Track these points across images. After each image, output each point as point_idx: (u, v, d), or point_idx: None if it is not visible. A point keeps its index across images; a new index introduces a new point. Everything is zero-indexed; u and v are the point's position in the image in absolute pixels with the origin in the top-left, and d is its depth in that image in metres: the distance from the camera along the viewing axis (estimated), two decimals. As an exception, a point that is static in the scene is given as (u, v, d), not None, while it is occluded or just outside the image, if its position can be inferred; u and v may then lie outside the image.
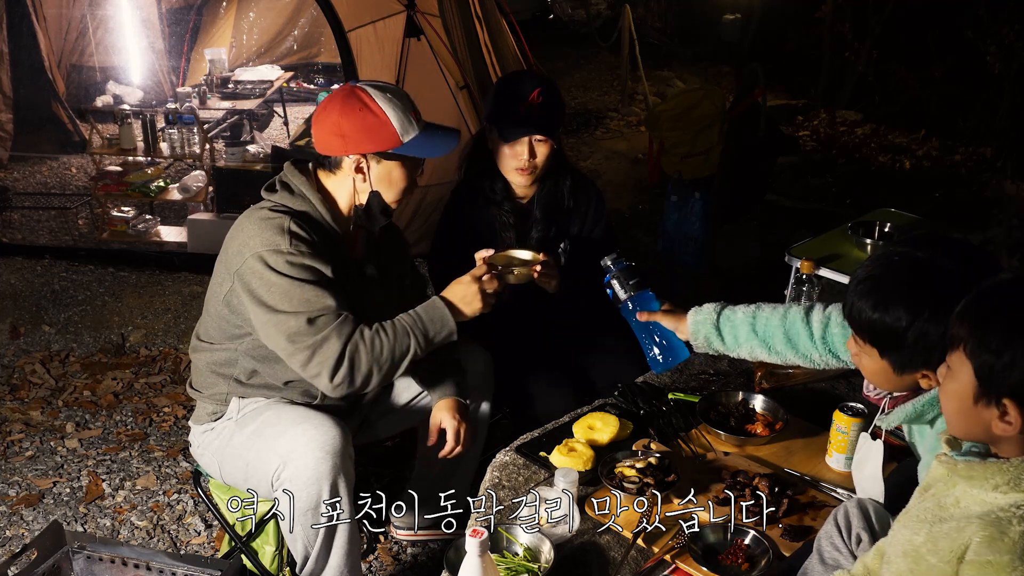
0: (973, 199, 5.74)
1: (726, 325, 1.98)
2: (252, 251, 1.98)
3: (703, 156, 4.84)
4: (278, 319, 1.97)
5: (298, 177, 2.10)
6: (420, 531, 2.63)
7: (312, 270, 1.98)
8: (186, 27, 6.76)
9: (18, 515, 2.86)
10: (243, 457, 2.12)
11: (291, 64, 7.25)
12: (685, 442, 2.15)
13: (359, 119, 2.03)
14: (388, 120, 2.04)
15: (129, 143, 5.10)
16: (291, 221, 2.00)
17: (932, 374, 1.52)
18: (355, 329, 1.99)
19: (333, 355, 1.96)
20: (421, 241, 4.37)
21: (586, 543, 1.86)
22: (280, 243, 1.97)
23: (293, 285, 1.96)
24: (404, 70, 4.54)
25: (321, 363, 1.97)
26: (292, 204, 2.07)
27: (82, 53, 6.66)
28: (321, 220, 2.09)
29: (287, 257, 1.96)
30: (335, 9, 4.43)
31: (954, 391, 1.31)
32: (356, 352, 1.97)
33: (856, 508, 1.66)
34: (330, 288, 1.99)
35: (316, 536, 2.06)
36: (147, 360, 3.83)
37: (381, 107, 2.04)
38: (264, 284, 1.97)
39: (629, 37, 7.53)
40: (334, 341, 1.96)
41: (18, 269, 4.62)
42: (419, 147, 2.09)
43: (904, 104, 7.35)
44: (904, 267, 1.53)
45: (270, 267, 1.96)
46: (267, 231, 1.99)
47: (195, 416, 2.26)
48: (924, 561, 1.30)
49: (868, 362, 1.61)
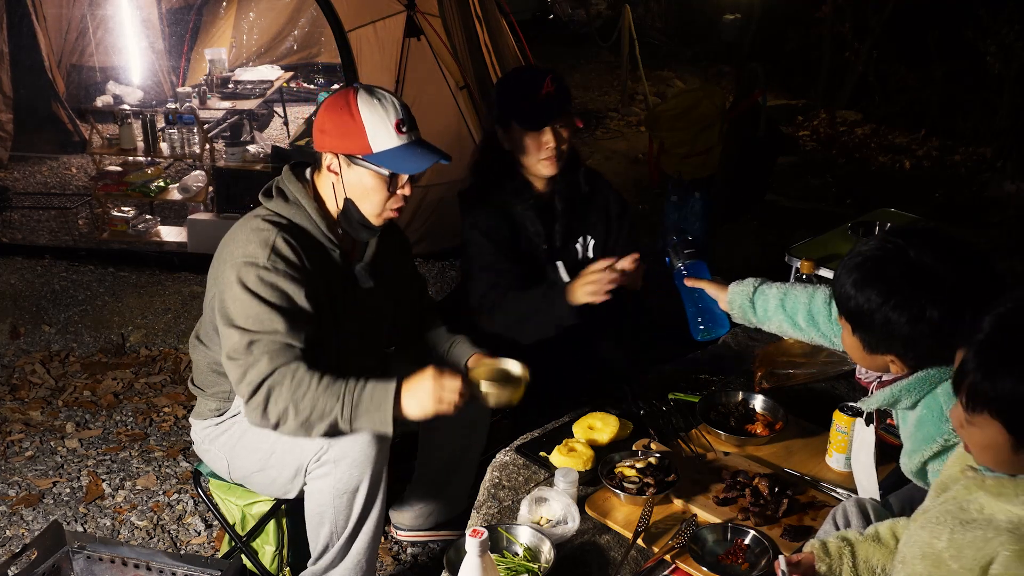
0: (973, 199, 5.74)
1: (760, 298, 2.08)
2: (233, 261, 1.98)
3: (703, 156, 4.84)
4: (228, 332, 1.96)
5: (294, 183, 2.08)
6: (420, 531, 2.63)
7: (280, 292, 1.95)
8: (186, 27, 6.76)
9: (18, 515, 2.87)
10: (262, 450, 2.09)
11: (291, 64, 7.25)
12: (685, 442, 2.15)
13: (337, 118, 2.01)
14: (362, 125, 1.99)
15: (129, 143, 5.10)
16: (279, 235, 1.97)
17: (899, 360, 1.59)
18: (291, 361, 1.92)
19: (257, 378, 1.91)
20: (421, 241, 4.38)
21: (586, 543, 1.86)
22: (259, 257, 1.95)
23: (253, 303, 1.93)
24: (404, 70, 4.54)
25: (247, 384, 1.93)
26: (286, 212, 2.05)
27: (82, 53, 6.66)
28: (314, 229, 2.06)
29: (259, 272, 1.94)
30: (335, 9, 4.43)
31: (986, 440, 1.30)
32: (279, 384, 1.91)
33: (855, 507, 1.66)
34: (289, 315, 1.94)
35: (347, 522, 2.05)
36: (147, 360, 3.83)
37: (360, 111, 2.00)
38: (231, 296, 1.96)
39: (629, 37, 7.53)
40: (263, 364, 1.91)
41: (18, 269, 4.62)
42: (390, 159, 2.01)
43: (904, 104, 7.34)
44: (892, 256, 1.55)
45: (241, 280, 1.95)
46: (252, 243, 1.97)
47: (197, 412, 2.25)
48: (945, 566, 1.30)
49: (845, 336, 1.66)
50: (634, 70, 7.76)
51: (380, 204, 2.06)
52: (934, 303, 1.49)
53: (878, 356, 1.61)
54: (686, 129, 4.83)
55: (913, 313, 1.51)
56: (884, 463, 2.06)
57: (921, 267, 1.52)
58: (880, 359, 1.62)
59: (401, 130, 2.02)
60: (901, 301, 1.52)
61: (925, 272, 1.51)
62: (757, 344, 2.68)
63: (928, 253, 1.52)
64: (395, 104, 2.03)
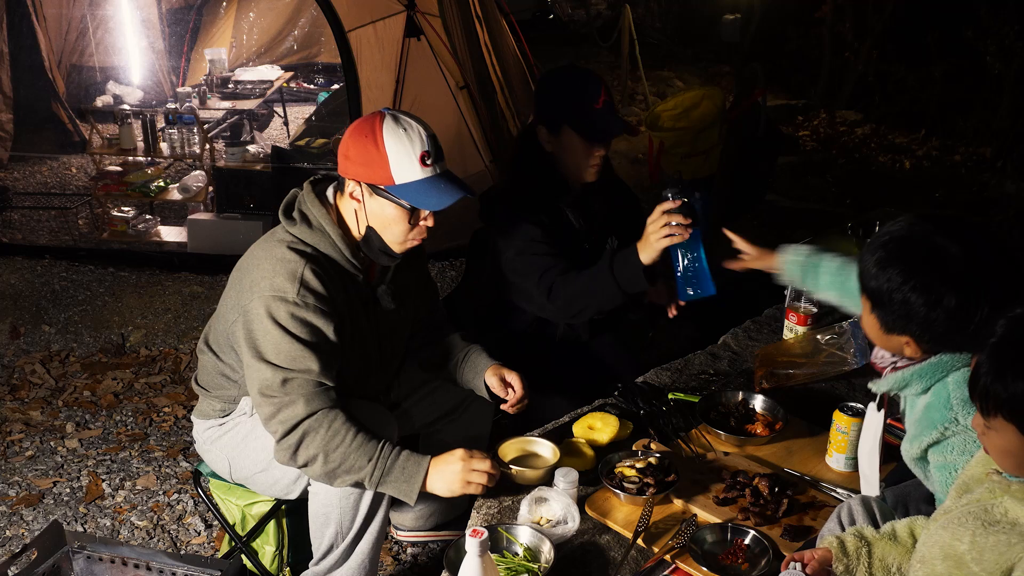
0: (973, 199, 5.74)
1: (815, 267, 2.17)
2: (260, 293, 1.95)
3: (703, 156, 4.85)
4: (259, 366, 1.94)
5: (317, 208, 2.04)
6: (421, 532, 2.63)
7: (312, 328, 1.94)
8: (186, 27, 6.76)
9: (18, 515, 2.87)
10: (266, 452, 2.08)
11: (291, 64, 7.25)
12: (685, 442, 2.15)
13: (361, 145, 1.97)
14: (386, 156, 1.95)
15: (129, 143, 5.11)
16: (307, 267, 1.96)
17: (914, 342, 1.59)
18: (328, 407, 1.94)
19: (292, 420, 1.92)
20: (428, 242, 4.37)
21: (586, 543, 1.86)
22: (288, 291, 1.93)
23: (285, 339, 1.92)
24: (404, 70, 4.54)
25: (280, 423, 1.93)
26: (311, 240, 2.02)
27: (82, 53, 6.66)
28: (339, 256, 2.04)
29: (291, 308, 1.93)
30: (335, 9, 4.43)
31: (1006, 450, 1.32)
32: (314, 430, 1.92)
33: (860, 506, 1.66)
34: (322, 352, 1.94)
35: (352, 523, 2.05)
36: (147, 360, 3.83)
37: (385, 141, 1.96)
38: (261, 329, 1.95)
39: (629, 37, 7.53)
40: (300, 407, 1.92)
41: (18, 269, 4.62)
42: (412, 193, 1.97)
43: (904, 104, 7.34)
44: (918, 239, 1.56)
45: (271, 315, 1.93)
46: (279, 275, 1.95)
47: (200, 411, 2.24)
48: (967, 568, 1.30)
49: (864, 314, 1.67)
50: (634, 70, 7.76)
51: (403, 235, 2.04)
52: (953, 290, 1.50)
53: (894, 336, 1.61)
54: (686, 129, 4.84)
55: (931, 297, 1.51)
56: (885, 462, 2.07)
57: (945, 253, 1.52)
58: (896, 340, 1.62)
59: (426, 163, 1.98)
60: (920, 284, 1.52)
61: (948, 259, 1.51)
62: (757, 344, 2.68)
63: (954, 241, 1.52)
64: (421, 135, 1.98)
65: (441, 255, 4.59)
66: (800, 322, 2.56)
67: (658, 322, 2.81)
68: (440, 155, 2.02)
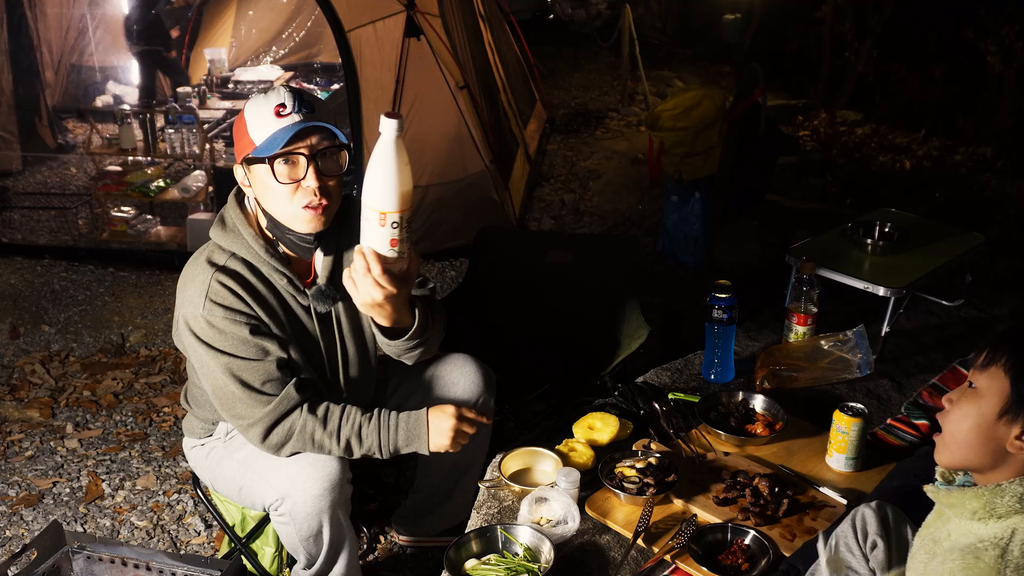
0: (973, 199, 5.73)
1: None
2: (180, 310, 1.94)
3: (703, 156, 4.84)
4: (204, 382, 1.96)
5: (234, 209, 1.96)
6: (421, 538, 2.61)
7: (227, 335, 1.89)
8: (186, 27, 6.76)
9: (18, 515, 2.86)
10: (235, 482, 2.09)
11: (291, 64, 7.26)
12: (685, 442, 2.15)
13: (235, 125, 1.90)
14: (245, 124, 1.85)
15: (129, 143, 5.10)
16: (213, 278, 1.89)
17: None
18: (288, 409, 1.92)
19: (261, 425, 1.92)
20: (422, 241, 4.36)
21: (586, 543, 1.86)
22: (197, 305, 1.89)
23: (209, 353, 1.90)
24: (404, 70, 4.54)
25: (249, 428, 1.94)
26: (226, 243, 1.93)
27: (82, 53, 6.66)
28: (254, 257, 1.93)
29: (201, 323, 1.89)
30: (335, 9, 4.42)
31: (975, 408, 1.32)
32: (289, 432, 1.93)
33: (874, 514, 1.64)
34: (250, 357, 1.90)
35: (319, 556, 2.04)
36: (147, 360, 3.83)
37: (246, 111, 1.86)
38: (190, 345, 1.94)
39: (629, 37, 7.52)
40: (259, 411, 1.92)
41: (18, 269, 4.62)
42: (267, 146, 1.80)
43: (904, 104, 7.34)
44: None
45: (191, 330, 1.91)
46: (191, 289, 1.91)
47: (186, 427, 2.25)
48: None
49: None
50: (634, 70, 7.76)
51: (288, 203, 1.86)
52: None
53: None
54: (686, 129, 4.83)
55: None
56: (884, 463, 2.07)
57: None
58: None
59: (281, 114, 1.81)
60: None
61: None
62: (757, 344, 2.68)
63: None
64: (284, 91, 1.84)
65: (441, 255, 4.59)
66: (800, 322, 2.55)
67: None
68: (310, 108, 1.84)
